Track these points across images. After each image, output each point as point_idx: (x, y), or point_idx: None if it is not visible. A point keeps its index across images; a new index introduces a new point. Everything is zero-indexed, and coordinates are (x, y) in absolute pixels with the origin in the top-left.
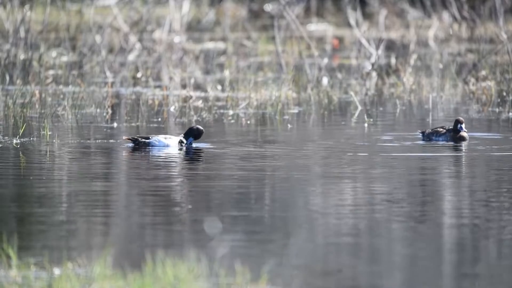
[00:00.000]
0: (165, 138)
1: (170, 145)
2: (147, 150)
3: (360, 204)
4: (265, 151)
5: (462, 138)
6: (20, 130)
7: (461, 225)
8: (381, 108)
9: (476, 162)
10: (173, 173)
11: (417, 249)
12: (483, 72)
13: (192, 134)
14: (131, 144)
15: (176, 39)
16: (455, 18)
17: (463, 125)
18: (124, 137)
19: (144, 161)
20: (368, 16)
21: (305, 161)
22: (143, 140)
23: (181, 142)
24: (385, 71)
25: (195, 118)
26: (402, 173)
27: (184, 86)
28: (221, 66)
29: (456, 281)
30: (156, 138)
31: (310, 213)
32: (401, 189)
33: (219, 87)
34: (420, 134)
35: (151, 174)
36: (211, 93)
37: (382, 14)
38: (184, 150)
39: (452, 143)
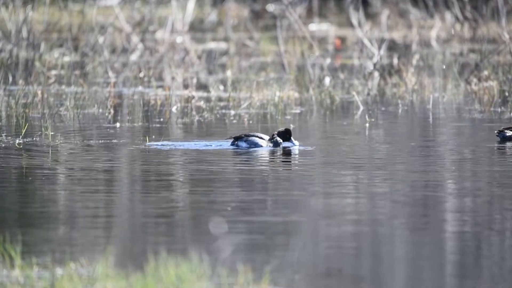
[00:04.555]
0: (259, 138)
1: (261, 145)
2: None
3: (365, 206)
4: (266, 152)
5: None
6: (22, 130)
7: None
8: (383, 108)
9: None
10: (186, 173)
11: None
12: (485, 72)
13: (285, 134)
14: (230, 142)
15: (179, 39)
16: (457, 18)
17: None
18: (230, 137)
19: (151, 159)
20: (370, 16)
21: (307, 162)
22: (235, 137)
23: (272, 140)
24: (387, 71)
25: (197, 118)
26: None
27: (186, 86)
28: (223, 66)
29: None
30: (249, 137)
31: (313, 214)
32: None
33: (221, 87)
34: (500, 135)
35: (155, 172)
36: (213, 93)
37: (385, 14)
38: (278, 150)
39: None
